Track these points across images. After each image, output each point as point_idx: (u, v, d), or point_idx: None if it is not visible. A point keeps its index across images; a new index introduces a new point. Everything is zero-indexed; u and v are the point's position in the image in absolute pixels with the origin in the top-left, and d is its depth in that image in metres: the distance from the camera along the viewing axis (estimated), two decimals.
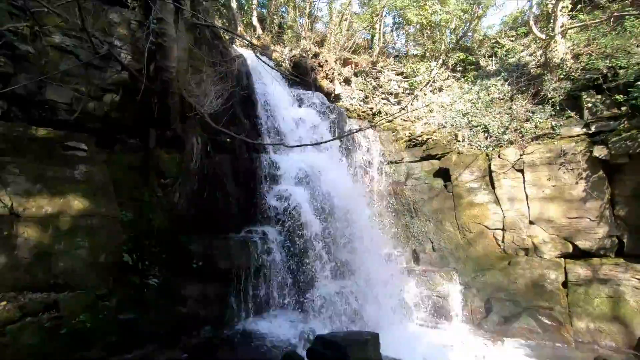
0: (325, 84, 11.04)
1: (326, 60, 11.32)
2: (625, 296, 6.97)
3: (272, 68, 6.48)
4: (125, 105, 5.39)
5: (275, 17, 13.29)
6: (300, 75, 9.37)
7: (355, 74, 12.08)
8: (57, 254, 4.09)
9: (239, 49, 9.32)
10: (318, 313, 6.18)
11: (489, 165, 9.00)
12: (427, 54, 12.58)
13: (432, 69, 11.77)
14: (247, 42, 9.48)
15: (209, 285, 5.64)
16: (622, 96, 7.35)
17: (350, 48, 12.91)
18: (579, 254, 7.90)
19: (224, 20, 12.95)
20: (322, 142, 6.45)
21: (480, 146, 9.35)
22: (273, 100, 8.36)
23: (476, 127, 9.65)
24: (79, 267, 4.20)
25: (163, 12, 5.02)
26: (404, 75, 12.35)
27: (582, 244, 7.82)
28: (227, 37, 8.95)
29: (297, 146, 6.12)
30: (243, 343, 5.05)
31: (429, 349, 6.38)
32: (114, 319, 4.32)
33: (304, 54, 11.07)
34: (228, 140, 6.88)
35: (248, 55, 8.76)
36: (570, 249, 7.96)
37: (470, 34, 13.34)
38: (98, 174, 4.77)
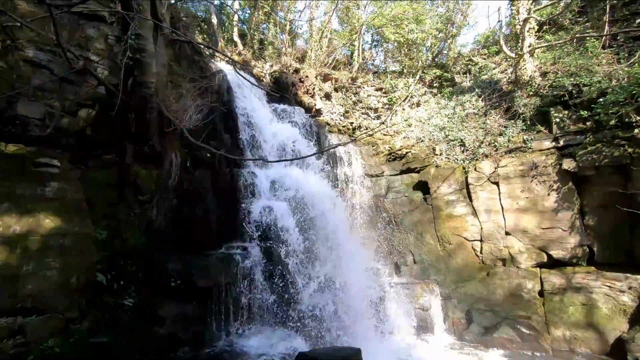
0: (306, 99, 11.17)
1: (307, 76, 11.48)
2: (597, 303, 7.21)
3: (253, 84, 6.51)
4: (102, 120, 5.28)
5: (256, 33, 13.44)
6: (281, 91, 9.45)
7: (336, 90, 12.28)
8: (25, 276, 3.90)
9: (219, 64, 9.34)
10: (300, 329, 6.09)
11: (466, 178, 9.24)
12: (405, 71, 12.96)
13: (410, 85, 12.12)
14: (227, 58, 9.52)
15: (188, 305, 5.49)
16: (586, 112, 7.77)
17: (330, 64, 13.16)
18: (553, 263, 8.15)
19: (205, 36, 13.00)
20: (303, 157, 6.48)
21: (457, 159, 9.61)
22: (254, 115, 8.38)
23: (453, 141, 9.93)
24: (49, 289, 4.01)
25: (141, 28, 5.00)
26: (383, 90, 12.64)
27: (556, 253, 8.08)
28: (207, 53, 8.97)
29: (278, 161, 6.13)
30: None
31: None
32: (85, 343, 4.13)
33: (285, 70, 11.20)
34: (208, 155, 6.82)
35: (229, 70, 8.79)
36: (545, 258, 8.21)
37: (445, 51, 13.88)
38: (71, 191, 4.62)
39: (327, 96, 11.87)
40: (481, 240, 8.88)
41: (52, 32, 4.03)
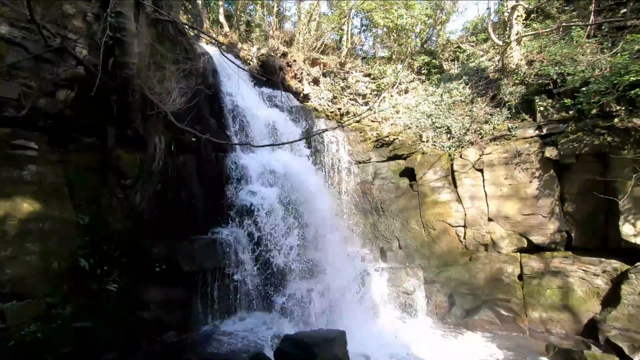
0: (293, 83, 11.02)
1: (294, 60, 11.31)
2: (573, 286, 7.50)
3: (239, 67, 6.37)
4: (81, 102, 5.10)
5: (242, 14, 13.10)
6: (268, 75, 9.29)
7: (324, 75, 12.15)
8: (3, 261, 3.81)
9: (204, 46, 9.10)
10: (286, 313, 6.17)
11: (452, 165, 9.36)
12: (394, 57, 12.89)
13: (398, 71, 12.08)
14: (212, 40, 9.27)
15: (173, 289, 5.48)
16: (569, 100, 7.91)
17: (318, 48, 12.97)
18: (533, 248, 8.41)
19: (189, 17, 12.61)
20: (289, 142, 6.43)
21: (444, 147, 9.71)
22: (240, 99, 8.23)
23: (439, 128, 10.01)
24: (29, 274, 3.93)
25: (122, 6, 4.81)
26: (372, 76, 12.58)
27: (536, 238, 8.33)
28: (192, 34, 8.71)
29: (265, 146, 6.07)
30: (209, 346, 4.94)
31: (394, 343, 6.56)
32: (68, 328, 4.09)
33: (272, 53, 10.99)
34: (193, 139, 6.70)
35: (214, 53, 8.58)
36: (525, 243, 8.46)
37: (434, 38, 13.84)
38: (50, 175, 4.49)
39: (315, 81, 11.75)
40: (465, 226, 9.07)
41: (26, 7, 3.84)
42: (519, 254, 8.48)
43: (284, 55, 11.29)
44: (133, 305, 4.97)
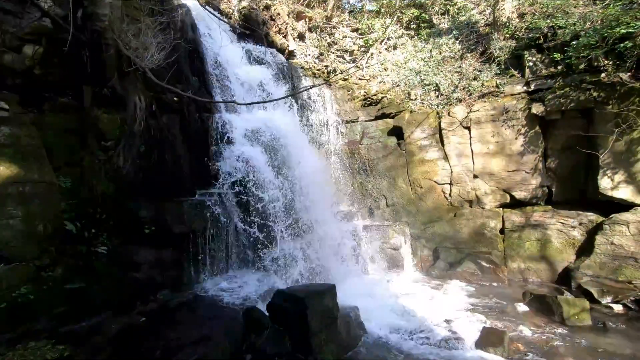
0: (278, 39, 10.52)
1: (278, 14, 10.70)
2: (551, 238, 7.88)
3: (220, 19, 5.99)
4: (51, 58, 4.78)
5: None
6: (252, 28, 8.80)
7: (310, 30, 11.60)
8: None
9: None
10: (278, 270, 6.33)
11: (439, 123, 9.34)
12: (382, 10, 12.33)
13: (387, 26, 11.61)
14: None
15: (164, 250, 5.52)
16: (559, 55, 7.81)
17: (303, 1, 12.27)
18: (515, 203, 8.70)
19: None
20: (275, 100, 6.24)
21: (432, 104, 9.62)
22: (222, 55, 7.84)
23: (428, 85, 9.85)
24: (14, 237, 3.87)
25: None
26: (359, 31, 12.09)
27: (518, 194, 8.58)
28: None
29: (249, 104, 5.87)
30: (203, 303, 5.08)
31: (382, 295, 6.88)
32: (60, 289, 4.12)
33: (255, 6, 10.36)
34: (175, 99, 6.44)
35: (193, 5, 8.01)
36: (508, 199, 8.73)
37: None
38: (25, 137, 4.28)
39: (301, 37, 11.23)
40: (450, 184, 9.24)
41: None
42: (501, 209, 8.77)
43: (267, 8, 10.65)
44: (124, 267, 5.00)
